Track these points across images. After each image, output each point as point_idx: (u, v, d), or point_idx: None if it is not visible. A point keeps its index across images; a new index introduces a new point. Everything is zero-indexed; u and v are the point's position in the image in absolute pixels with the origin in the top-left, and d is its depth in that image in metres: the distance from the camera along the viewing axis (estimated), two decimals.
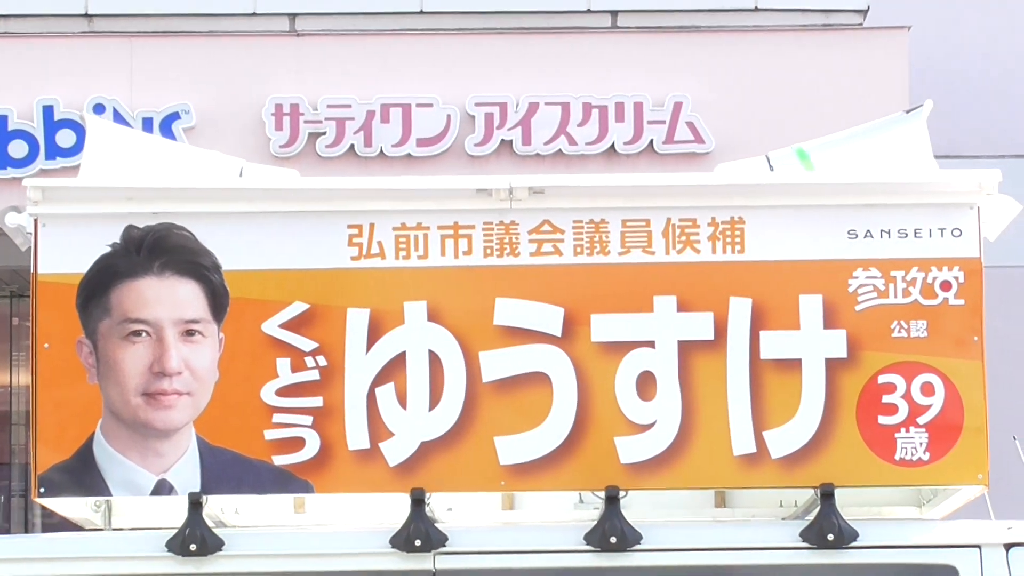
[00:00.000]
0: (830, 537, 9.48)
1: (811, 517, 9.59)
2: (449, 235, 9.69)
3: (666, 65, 18.59)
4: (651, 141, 18.30)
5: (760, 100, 18.00)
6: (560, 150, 18.12)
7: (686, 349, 9.61)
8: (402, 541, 9.41)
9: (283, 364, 9.63)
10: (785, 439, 9.57)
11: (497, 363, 9.62)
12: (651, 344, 9.62)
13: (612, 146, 18.12)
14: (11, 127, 17.63)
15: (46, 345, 9.69)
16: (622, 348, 9.63)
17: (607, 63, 18.53)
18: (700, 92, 18.49)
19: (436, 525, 9.47)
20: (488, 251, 9.68)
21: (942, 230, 9.72)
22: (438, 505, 9.73)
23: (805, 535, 9.55)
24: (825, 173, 10.35)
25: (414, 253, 9.69)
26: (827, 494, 9.51)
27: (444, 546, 9.47)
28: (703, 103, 18.37)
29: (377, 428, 9.60)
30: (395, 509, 9.58)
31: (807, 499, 9.71)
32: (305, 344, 9.62)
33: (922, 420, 9.56)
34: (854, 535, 9.50)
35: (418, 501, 9.49)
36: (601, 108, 18.27)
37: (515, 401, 9.61)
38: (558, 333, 9.64)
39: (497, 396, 9.59)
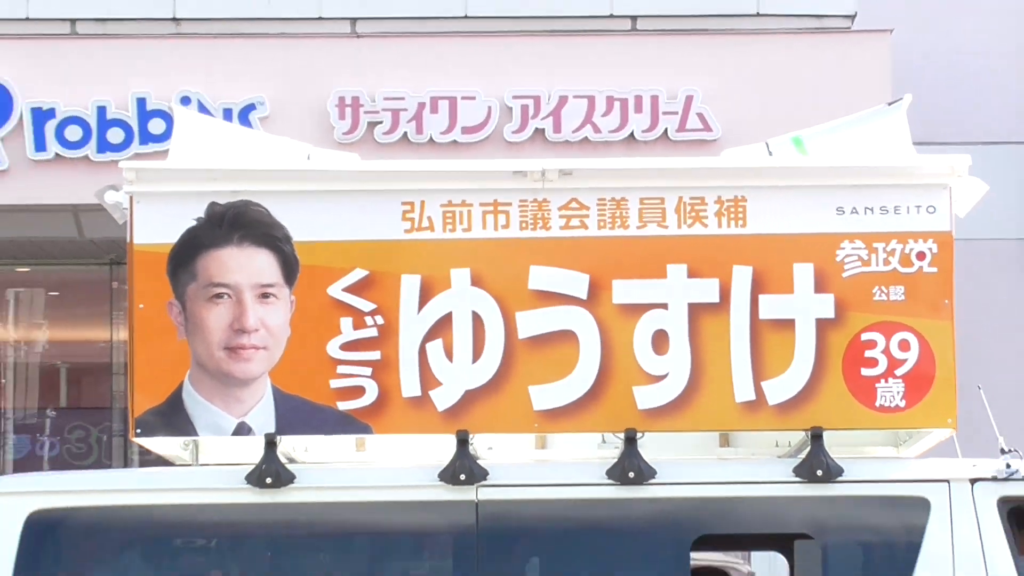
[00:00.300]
0: (819, 473, 9.52)
1: (803, 456, 9.62)
2: (489, 211, 9.72)
3: (679, 63, 18.55)
4: (665, 130, 18.26)
5: (761, 94, 17.99)
6: (586, 137, 18.09)
7: (695, 310, 9.64)
8: (449, 475, 9.47)
9: (346, 323, 9.67)
10: (780, 388, 9.61)
11: (531, 322, 9.67)
12: (664, 306, 9.65)
13: (631, 134, 18.08)
14: (109, 116, 17.59)
15: (141, 306, 9.74)
16: (639, 309, 9.66)
17: (627, 61, 18.49)
18: (709, 87, 18.46)
19: (478, 462, 9.53)
20: (523, 225, 9.72)
21: (918, 207, 9.75)
22: (480, 445, 9.79)
23: (798, 471, 9.58)
24: (817, 158, 10.39)
25: (459, 227, 9.72)
26: (816, 436, 9.55)
27: (485, 480, 9.51)
28: (711, 96, 18.34)
29: (427, 378, 9.64)
30: (443, 448, 9.63)
31: (799, 440, 9.72)
32: (365, 305, 9.66)
33: (899, 372, 9.60)
34: (839, 471, 9.54)
35: (463, 441, 9.54)
36: (622, 101, 18.23)
37: (546, 355, 9.65)
38: (584, 296, 9.67)
39: (531, 351, 9.63)
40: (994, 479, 9.54)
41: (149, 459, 10.30)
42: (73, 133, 17.85)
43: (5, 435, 20.97)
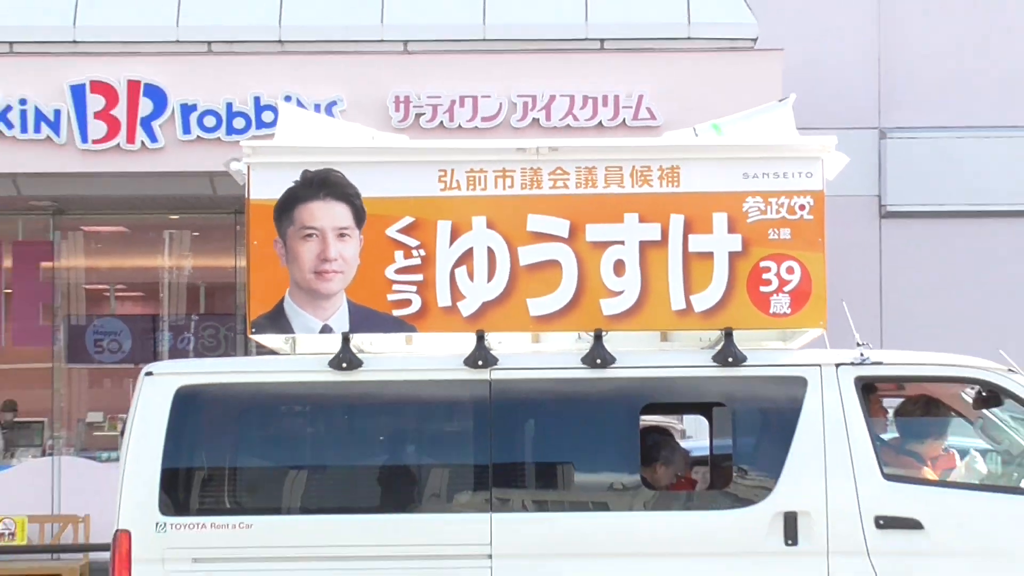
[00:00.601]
0: (730, 360, 9.57)
1: (718, 348, 9.67)
2: (499, 175, 9.76)
3: (633, 72, 18.43)
4: (624, 119, 18.17)
5: (690, 93, 17.92)
6: (568, 124, 18.00)
7: (643, 246, 9.67)
8: (470, 361, 9.55)
9: (398, 254, 9.71)
10: (703, 300, 9.64)
11: (528, 254, 9.69)
12: (622, 243, 9.68)
13: (600, 122, 17.93)
14: (234, 110, 17.62)
15: (255, 243, 9.81)
16: (604, 245, 9.69)
17: (597, 71, 18.35)
18: (654, 89, 18.36)
19: (491, 352, 9.62)
20: (523, 185, 9.76)
21: (800, 173, 9.79)
22: (492, 340, 9.80)
23: (715, 358, 9.64)
24: (729, 138, 10.45)
25: (478, 187, 9.76)
26: (728, 334, 9.60)
27: (496, 365, 9.59)
28: (656, 96, 18.24)
29: (455, 293, 9.68)
30: (466, 343, 9.70)
31: (716, 337, 9.72)
32: (411, 242, 9.70)
33: (787, 289, 9.62)
34: (744, 358, 9.59)
35: (480, 338, 9.60)
36: (593, 99, 18.12)
37: (539, 277, 9.67)
38: (565, 236, 9.69)
39: (528, 274, 9.67)
40: (852, 363, 9.63)
41: (263, 351, 10.35)
42: (209, 121, 17.84)
43: (160, 333, 21.00)
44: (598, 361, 9.70)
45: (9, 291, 21.42)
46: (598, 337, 9.74)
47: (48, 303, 21.02)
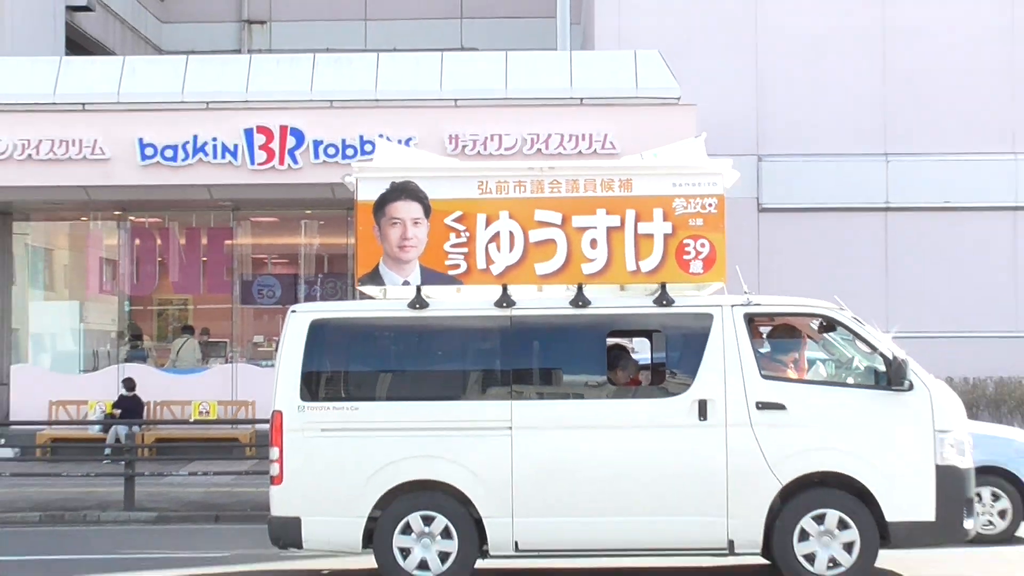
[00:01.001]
0: (664, 302, 9.54)
1: (657, 294, 9.62)
2: (517, 184, 9.74)
3: (601, 119, 18.49)
4: (595, 149, 18.01)
5: (638, 133, 17.78)
6: (559, 152, 17.89)
7: (609, 230, 9.61)
8: (498, 303, 9.56)
9: (452, 235, 9.69)
10: (647, 264, 9.58)
11: (535, 235, 9.65)
12: (595, 228, 9.65)
13: (580, 151, 17.84)
14: (346, 144, 17.78)
15: (361, 228, 9.82)
16: (584, 229, 9.64)
17: (579, 118, 18.64)
18: (615, 129, 18.31)
19: (511, 297, 9.58)
20: (532, 191, 9.72)
21: (708, 183, 9.75)
22: (513, 291, 9.67)
23: (655, 301, 9.61)
24: (664, 161, 10.34)
25: (503, 192, 9.73)
26: (663, 286, 9.57)
27: (515, 306, 9.58)
28: (616, 134, 18.20)
29: (488, 259, 9.65)
30: (495, 292, 9.65)
31: (656, 288, 9.63)
32: (460, 227, 9.67)
33: (700, 257, 9.56)
34: (673, 301, 9.57)
35: (504, 288, 9.57)
36: (576, 135, 18.20)
37: (542, 250, 9.62)
38: (559, 223, 9.64)
39: (536, 248, 9.63)
40: (741, 305, 9.62)
41: (364, 297, 10.32)
42: (330, 151, 18.09)
43: (299, 286, 21.14)
44: (580, 303, 9.68)
45: (205, 259, 21.60)
46: (580, 288, 9.71)
47: (229, 266, 21.18)
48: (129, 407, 18.70)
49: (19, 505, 14.73)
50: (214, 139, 18.30)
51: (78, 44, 25.11)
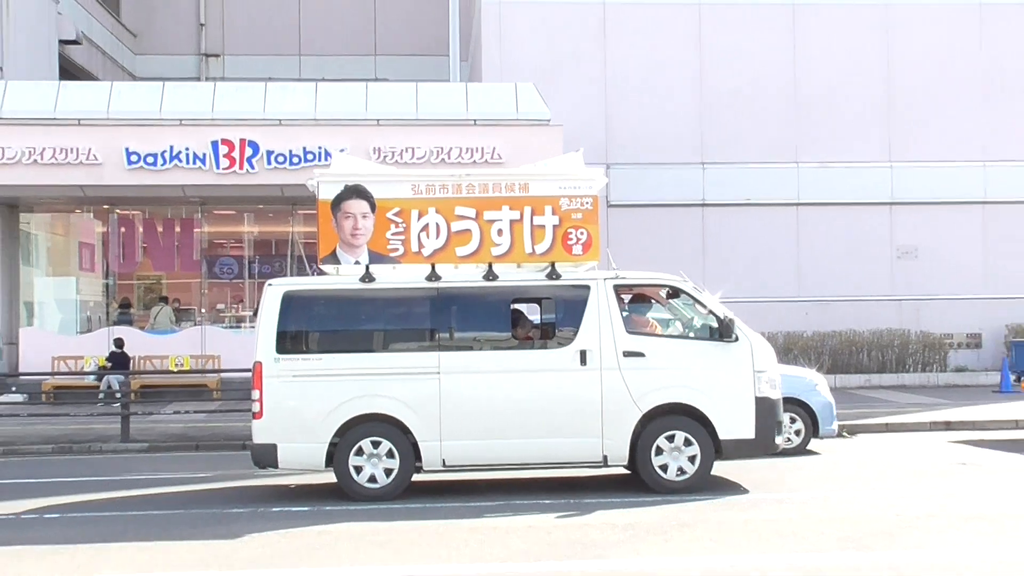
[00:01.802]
0: (554, 277, 9.68)
1: (548, 270, 9.74)
2: (442, 187, 9.75)
3: (491, 136, 18.65)
4: (487, 159, 18.10)
5: (520, 147, 17.92)
6: (459, 161, 18.00)
7: (512, 223, 9.68)
8: (428, 278, 9.72)
9: (392, 226, 9.71)
10: (540, 248, 9.67)
11: (456, 226, 9.69)
12: (501, 220, 9.72)
13: (474, 161, 18.23)
14: (292, 154, 17.73)
15: (322, 221, 9.81)
16: (493, 221, 9.69)
17: (475, 135, 18.73)
18: (502, 145, 18.41)
19: (438, 273, 9.73)
20: (453, 191, 9.75)
21: (586, 186, 9.90)
22: (439, 268, 9.75)
23: (547, 276, 9.73)
24: (549, 169, 10.36)
25: (431, 193, 9.76)
26: (553, 264, 9.70)
27: (440, 280, 9.73)
28: (502, 149, 18.31)
29: (420, 244, 9.69)
30: (425, 270, 9.72)
31: (547, 266, 9.72)
32: (398, 220, 9.67)
33: (580, 242, 9.70)
34: (560, 276, 9.71)
35: (433, 268, 9.67)
36: (472, 148, 18.27)
37: (461, 238, 9.69)
38: (473, 217, 9.69)
39: (456, 236, 9.65)
40: (611, 279, 9.76)
41: (323, 273, 10.31)
42: (280, 159, 18.02)
43: (253, 266, 20.99)
44: (490, 278, 9.77)
45: (178, 243, 21.15)
46: (490, 266, 9.78)
47: (197, 249, 20.84)
48: (119, 361, 18.32)
49: (32, 439, 14.40)
50: (187, 148, 17.98)
51: (68, 71, 24.37)
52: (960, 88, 22.74)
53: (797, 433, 12.37)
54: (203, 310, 20.94)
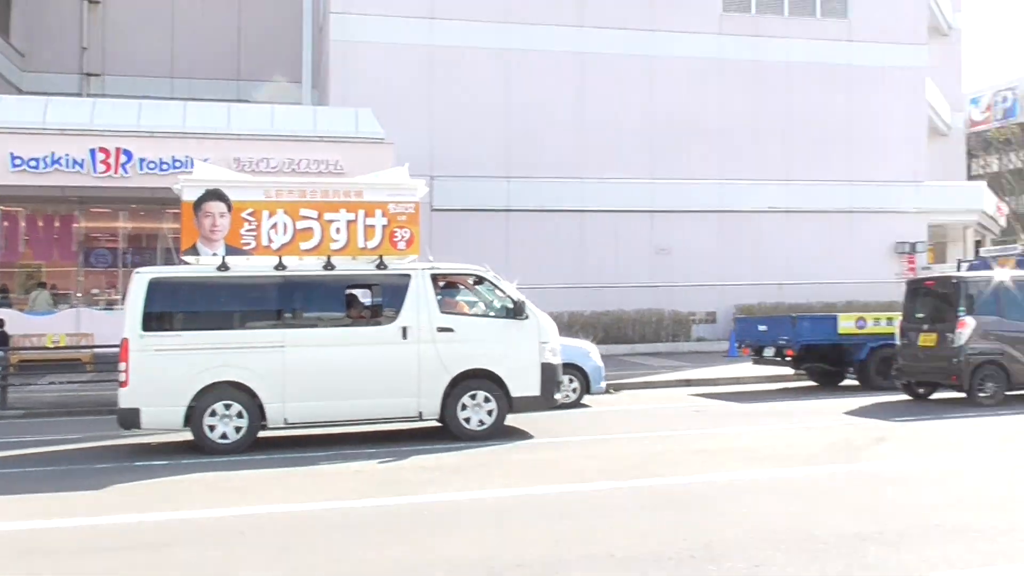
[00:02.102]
0: (382, 267, 9.59)
1: (378, 262, 9.61)
2: (289, 192, 9.52)
3: (334, 151, 18.17)
4: (330, 170, 17.73)
5: (357, 160, 17.60)
6: (307, 171, 17.54)
7: (347, 223, 9.56)
8: (276, 268, 9.39)
9: (246, 224, 9.42)
10: (371, 244, 9.59)
11: (301, 225, 9.50)
12: (340, 221, 9.56)
13: (320, 171, 17.64)
14: (162, 161, 16.92)
15: (185, 219, 9.38)
16: (332, 221, 9.53)
17: (321, 149, 18.22)
18: (342, 157, 18.13)
19: (284, 264, 9.42)
20: (299, 196, 9.55)
21: (410, 193, 9.86)
22: (286, 260, 9.46)
23: (376, 267, 9.62)
24: (382, 180, 10.20)
25: (280, 196, 9.50)
26: (381, 257, 9.60)
27: (286, 269, 9.46)
28: (344, 161, 18.01)
29: (270, 240, 9.44)
30: (274, 261, 9.44)
31: (376, 258, 9.60)
32: (251, 219, 9.41)
33: (404, 240, 9.67)
34: (387, 266, 9.60)
35: (280, 258, 9.37)
36: (318, 160, 17.88)
37: (304, 235, 9.52)
38: (316, 218, 9.51)
39: (300, 234, 9.47)
40: (428, 268, 9.73)
41: (184, 263, 9.84)
42: (151, 166, 17.09)
43: (124, 256, 19.70)
44: (329, 268, 9.58)
45: (56, 236, 19.61)
46: (328, 259, 9.59)
47: (75, 242, 19.40)
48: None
49: None
50: (67, 155, 16.72)
51: None
52: (701, 125, 23.83)
53: (574, 391, 12.72)
54: (79, 295, 19.50)
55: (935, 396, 12.83)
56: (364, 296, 10.40)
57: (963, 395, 12.08)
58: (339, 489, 7.26)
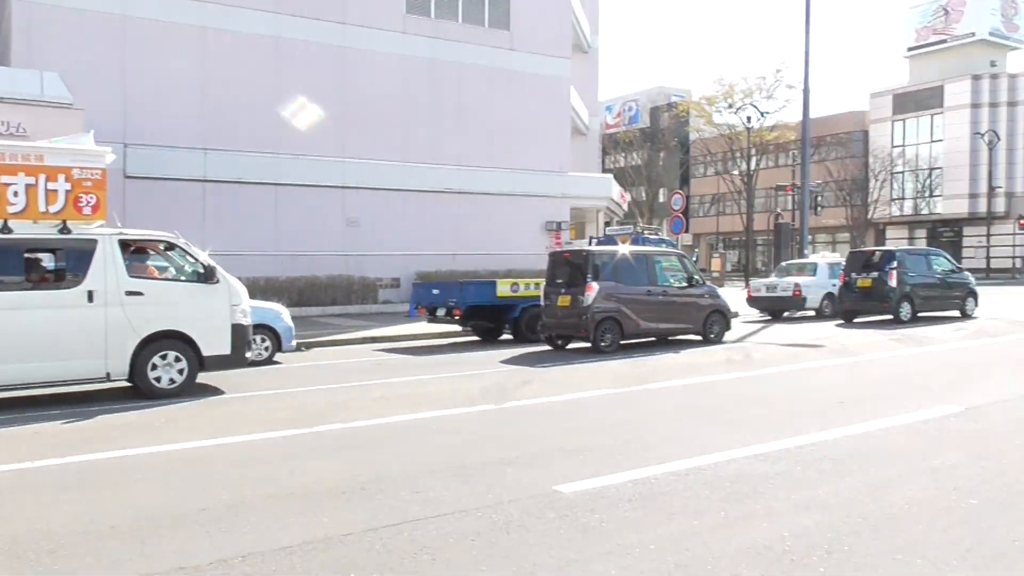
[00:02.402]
0: (66, 232, 8.61)
1: (61, 227, 8.55)
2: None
3: (14, 115, 15.60)
4: (11, 133, 15.37)
5: (39, 126, 15.33)
6: None
7: (27, 186, 8.42)
8: None
9: None
10: (54, 208, 8.52)
11: None
12: (17, 184, 8.38)
13: (12, 133, 15.13)
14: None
15: None
16: (9, 184, 8.34)
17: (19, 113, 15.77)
18: (25, 122, 15.71)
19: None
20: None
21: (96, 159, 8.95)
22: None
23: (59, 232, 8.60)
24: (66, 145, 8.99)
25: None
26: (65, 222, 8.58)
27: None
28: (27, 127, 15.58)
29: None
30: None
31: (60, 223, 8.56)
32: None
33: (90, 205, 8.74)
34: (71, 231, 8.60)
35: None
36: (8, 123, 15.54)
37: None
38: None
39: None
40: (115, 235, 8.90)
41: None
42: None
43: None
44: (5, 231, 8.48)
45: None
46: (5, 222, 8.49)
47: None
48: None
49: None
50: None
51: None
52: (387, 112, 23.96)
53: (266, 349, 12.46)
54: None
55: (570, 346, 14.14)
56: (48, 261, 9.28)
57: (589, 344, 13.46)
58: (18, 452, 6.49)
